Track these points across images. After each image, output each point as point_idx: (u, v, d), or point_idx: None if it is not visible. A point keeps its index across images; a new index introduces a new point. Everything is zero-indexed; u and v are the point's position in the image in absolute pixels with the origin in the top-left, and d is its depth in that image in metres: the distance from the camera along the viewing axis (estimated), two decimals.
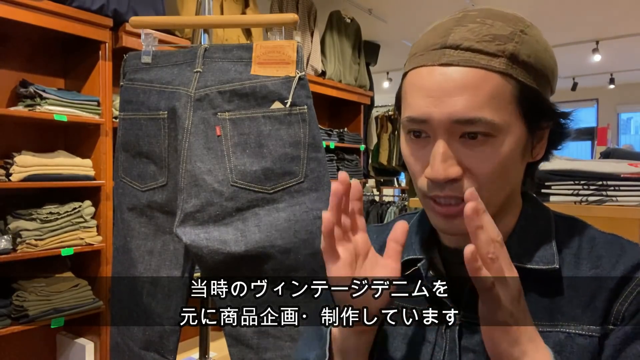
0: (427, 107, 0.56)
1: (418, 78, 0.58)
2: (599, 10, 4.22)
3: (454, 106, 0.54)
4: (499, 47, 0.55)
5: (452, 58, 0.55)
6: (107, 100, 2.24)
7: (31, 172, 1.99)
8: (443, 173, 0.55)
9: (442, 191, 0.57)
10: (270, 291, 1.19)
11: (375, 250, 0.74)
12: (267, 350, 1.18)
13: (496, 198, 0.59)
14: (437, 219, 0.60)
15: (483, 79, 0.55)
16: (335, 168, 3.72)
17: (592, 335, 0.55)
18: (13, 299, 1.98)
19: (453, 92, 0.55)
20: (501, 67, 0.55)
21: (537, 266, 0.59)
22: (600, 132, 3.17)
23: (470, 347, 0.61)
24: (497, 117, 0.55)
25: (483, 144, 0.55)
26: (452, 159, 0.56)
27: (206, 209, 1.17)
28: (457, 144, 0.56)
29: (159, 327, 1.25)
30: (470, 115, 0.54)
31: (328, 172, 1.21)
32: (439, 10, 4.21)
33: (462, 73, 0.55)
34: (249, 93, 1.18)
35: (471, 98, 0.54)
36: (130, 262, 1.29)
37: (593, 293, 0.57)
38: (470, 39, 0.56)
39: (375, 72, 5.12)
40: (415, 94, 0.58)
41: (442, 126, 0.55)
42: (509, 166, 0.58)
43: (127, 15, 2.24)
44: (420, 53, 0.59)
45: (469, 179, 0.56)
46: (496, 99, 0.55)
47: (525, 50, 0.56)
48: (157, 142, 1.26)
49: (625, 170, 1.34)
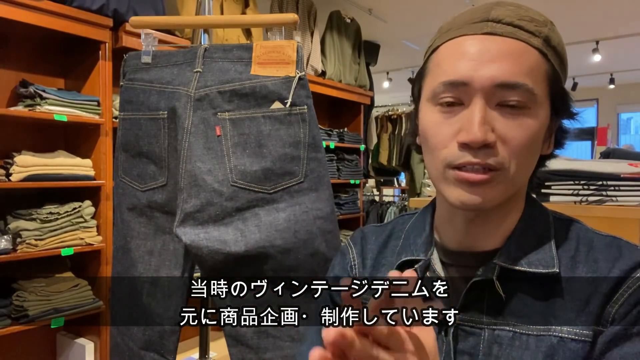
0: (468, 71, 0.56)
1: (458, 46, 0.58)
2: (599, 10, 4.22)
3: (498, 70, 0.55)
4: (537, 28, 0.58)
5: (496, 29, 0.57)
6: (107, 100, 2.24)
7: (31, 172, 1.99)
8: (482, 135, 0.54)
9: (475, 157, 0.56)
10: (270, 291, 1.19)
11: (375, 251, 0.74)
12: (267, 350, 1.18)
13: (521, 176, 0.59)
14: (460, 188, 0.57)
15: (525, 50, 0.57)
16: (335, 168, 3.72)
17: (585, 340, 0.55)
18: (13, 299, 1.98)
19: (497, 58, 0.56)
20: (539, 45, 0.57)
21: (535, 269, 0.59)
22: (600, 132, 3.17)
23: (466, 350, 0.60)
24: (536, 88, 0.56)
25: (519, 114, 0.56)
26: (489, 124, 0.56)
27: (206, 209, 1.17)
28: (493, 112, 0.56)
29: (159, 327, 1.25)
30: (514, 80, 0.55)
31: (328, 172, 1.21)
32: (439, 10, 4.21)
33: (506, 42, 0.56)
34: (249, 93, 1.18)
35: (515, 65, 0.56)
36: (130, 262, 1.29)
37: (588, 297, 0.57)
38: (511, 16, 0.58)
39: (375, 72, 5.12)
40: (455, 60, 0.58)
41: (483, 89, 0.55)
42: (537, 143, 0.59)
43: (127, 15, 2.24)
44: (457, 27, 0.60)
45: (501, 148, 0.56)
46: (534, 72, 0.57)
47: (555, 38, 0.59)
48: (157, 142, 1.26)
49: (625, 170, 1.34)
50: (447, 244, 0.67)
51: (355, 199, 3.99)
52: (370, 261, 0.73)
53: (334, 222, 1.19)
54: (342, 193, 3.91)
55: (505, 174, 0.57)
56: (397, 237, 0.74)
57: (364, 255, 0.75)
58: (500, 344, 0.58)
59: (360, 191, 4.10)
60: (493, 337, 0.59)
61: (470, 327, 0.60)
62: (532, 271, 0.59)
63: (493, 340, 0.59)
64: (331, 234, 1.18)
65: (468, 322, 0.61)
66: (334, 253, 1.18)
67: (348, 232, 3.95)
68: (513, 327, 0.58)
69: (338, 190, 3.92)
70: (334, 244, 1.18)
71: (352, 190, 4.00)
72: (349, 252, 0.77)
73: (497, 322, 0.59)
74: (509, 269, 0.60)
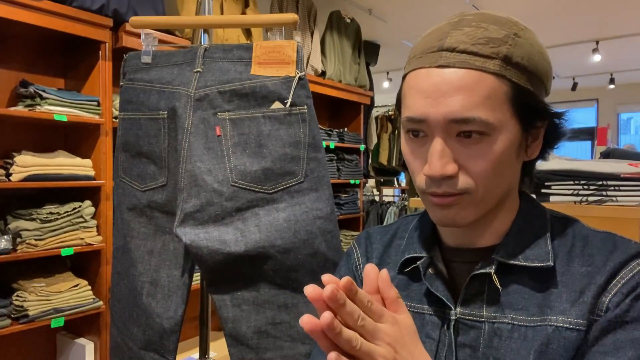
0: (424, 108, 0.58)
1: (416, 80, 0.60)
2: (599, 10, 4.22)
3: (450, 106, 0.57)
4: (493, 49, 0.58)
5: (449, 60, 0.58)
6: (107, 100, 2.24)
7: (31, 172, 1.99)
8: (440, 170, 0.58)
9: (439, 187, 0.60)
10: (270, 291, 1.20)
11: (380, 250, 0.76)
12: (267, 350, 1.18)
13: (491, 195, 0.61)
14: (434, 210, 0.63)
15: (478, 80, 0.57)
16: (335, 168, 3.72)
17: (579, 329, 0.57)
18: (13, 299, 1.98)
19: (449, 93, 0.57)
20: (495, 69, 0.57)
21: (532, 264, 0.61)
22: (600, 132, 3.17)
23: (467, 343, 0.63)
24: (492, 116, 0.57)
25: (478, 142, 0.58)
26: (448, 156, 0.59)
27: (206, 209, 1.17)
28: (453, 142, 0.59)
29: (159, 327, 1.25)
30: (466, 115, 0.56)
31: (328, 172, 1.21)
32: (438, 10, 4.21)
33: (458, 74, 0.57)
34: (249, 93, 1.18)
35: (466, 98, 0.57)
36: (130, 262, 1.29)
37: (583, 289, 0.59)
38: (465, 42, 0.58)
39: (375, 72, 5.13)
40: (414, 95, 0.60)
41: (439, 125, 0.58)
42: (503, 164, 0.60)
43: (127, 15, 2.24)
44: (418, 56, 0.62)
45: (464, 176, 0.59)
46: (491, 99, 0.57)
47: (518, 53, 0.59)
48: (157, 142, 1.26)
49: (625, 170, 1.34)
50: (448, 242, 0.69)
51: (355, 199, 3.99)
52: (376, 260, 0.76)
53: (334, 222, 1.19)
54: (342, 193, 3.91)
55: (473, 197, 0.60)
56: (400, 237, 0.76)
57: (368, 255, 0.78)
58: (500, 336, 0.61)
59: (360, 191, 4.10)
60: (493, 329, 0.61)
61: (471, 321, 0.63)
62: (528, 265, 0.61)
63: (493, 333, 0.61)
64: (331, 234, 1.18)
65: (469, 316, 0.63)
66: (334, 253, 1.19)
67: (348, 232, 3.95)
68: (512, 320, 0.61)
69: (338, 190, 3.92)
70: (334, 244, 1.18)
71: (352, 190, 4.00)
72: (354, 252, 0.80)
73: (497, 316, 0.62)
74: (507, 264, 0.62)
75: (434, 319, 0.66)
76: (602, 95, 7.56)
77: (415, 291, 0.69)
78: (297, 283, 1.17)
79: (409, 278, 0.70)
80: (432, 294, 0.65)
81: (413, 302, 0.68)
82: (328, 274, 0.49)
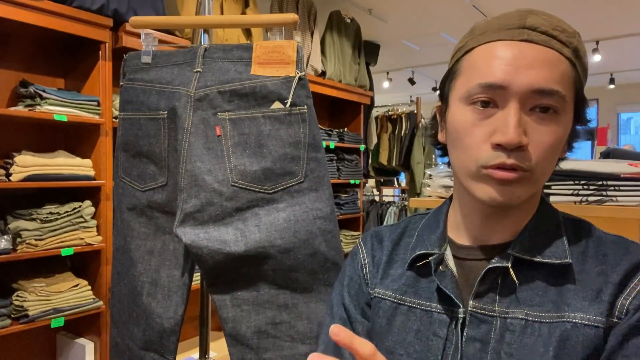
0: (506, 74, 0.59)
1: (495, 50, 0.61)
2: (599, 10, 4.22)
3: (535, 76, 0.58)
4: (567, 38, 0.61)
5: (532, 37, 0.60)
6: (107, 100, 2.24)
7: (31, 172, 1.99)
8: (517, 137, 0.57)
9: (508, 158, 0.58)
10: (270, 291, 1.19)
11: (389, 247, 0.76)
12: (267, 350, 1.18)
13: (543, 178, 0.62)
14: (490, 186, 0.60)
15: (558, 60, 0.59)
16: (335, 168, 3.72)
17: (598, 326, 0.57)
18: (13, 299, 1.98)
19: (534, 65, 0.58)
20: (569, 55, 0.60)
21: (549, 260, 0.62)
22: (600, 132, 3.16)
23: (478, 337, 0.62)
24: (568, 95, 0.60)
25: (550, 119, 0.59)
26: (522, 127, 0.59)
27: (206, 209, 1.17)
28: (525, 116, 0.59)
29: (159, 327, 1.25)
30: (550, 86, 0.58)
31: (328, 172, 1.21)
32: (438, 10, 4.21)
33: (541, 50, 0.59)
34: (249, 93, 1.18)
35: (550, 72, 0.58)
36: (130, 262, 1.29)
37: (599, 287, 0.59)
38: (545, 25, 0.60)
39: (375, 72, 5.12)
40: (493, 63, 0.60)
41: (520, 94, 0.58)
42: (560, 148, 0.62)
43: (127, 15, 2.24)
44: (493, 31, 0.62)
45: (532, 151, 0.59)
46: (565, 80, 0.60)
47: (582, 50, 0.62)
48: (157, 142, 1.26)
49: (625, 170, 1.34)
50: (461, 240, 0.69)
51: (355, 199, 3.99)
52: (385, 257, 0.76)
53: (334, 222, 1.19)
54: (342, 193, 3.91)
55: (532, 175, 0.60)
56: (410, 235, 0.76)
57: (374, 253, 0.78)
58: (512, 332, 0.60)
59: (360, 191, 4.10)
60: (505, 324, 0.61)
61: (482, 315, 0.63)
62: (545, 262, 0.62)
63: (505, 328, 0.61)
64: (331, 234, 1.18)
65: (480, 309, 0.63)
66: (333, 253, 1.19)
67: (348, 232, 3.95)
68: (525, 315, 0.60)
69: (338, 190, 3.92)
70: (334, 244, 1.18)
71: (352, 190, 4.00)
72: (359, 251, 0.80)
73: (509, 311, 0.61)
74: (523, 259, 0.62)
75: (443, 316, 0.65)
76: (602, 95, 7.56)
77: (423, 288, 0.69)
78: (297, 283, 1.17)
79: (418, 275, 0.70)
80: (441, 292, 0.65)
81: (421, 300, 0.68)
82: (338, 326, 0.46)
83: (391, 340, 0.68)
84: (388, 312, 0.70)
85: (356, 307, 0.75)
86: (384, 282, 0.73)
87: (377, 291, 0.73)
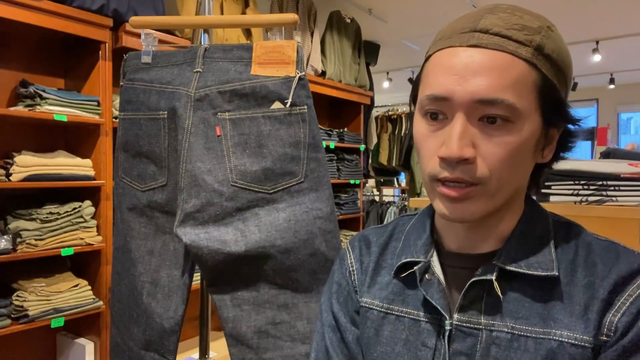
0: (450, 85, 0.56)
1: (444, 58, 0.58)
2: (599, 10, 4.22)
3: (478, 85, 0.55)
4: (527, 37, 0.56)
5: (481, 40, 0.56)
6: (107, 100, 2.24)
7: (31, 172, 1.99)
8: (458, 151, 0.55)
9: (452, 172, 0.56)
10: (270, 291, 1.19)
11: (376, 253, 0.74)
12: (267, 350, 1.18)
13: (503, 189, 0.58)
14: (443, 202, 0.59)
15: (509, 63, 0.55)
16: (335, 168, 3.72)
17: (585, 346, 0.55)
18: (13, 299, 1.98)
19: (478, 72, 0.55)
20: (527, 56, 0.56)
21: (535, 272, 0.59)
22: (600, 132, 3.16)
23: (464, 351, 0.60)
24: (519, 102, 0.55)
25: (500, 129, 0.56)
26: (468, 139, 0.56)
27: (206, 209, 1.17)
28: (474, 127, 0.56)
29: (159, 327, 1.25)
30: (493, 96, 0.54)
31: (328, 172, 1.21)
32: (438, 10, 4.21)
33: (489, 55, 0.55)
34: (249, 93, 1.18)
35: (496, 80, 0.55)
36: (130, 262, 1.29)
37: (586, 303, 0.57)
38: (500, 26, 0.57)
39: (375, 72, 5.12)
40: (439, 73, 0.58)
41: (464, 105, 0.55)
42: (521, 157, 0.58)
43: (127, 15, 2.24)
44: (447, 36, 0.59)
45: (480, 164, 0.56)
46: (519, 85, 0.55)
47: (550, 45, 0.57)
48: (157, 142, 1.26)
49: (625, 170, 1.34)
50: (448, 245, 0.67)
51: (355, 199, 3.99)
52: (372, 264, 0.73)
53: (334, 222, 1.19)
54: (342, 193, 3.91)
55: (486, 189, 0.57)
56: (397, 238, 0.74)
57: (362, 259, 0.75)
58: (498, 345, 0.58)
59: (360, 191, 4.10)
60: (491, 338, 0.59)
61: (467, 328, 0.61)
62: (531, 273, 0.59)
63: (491, 342, 0.59)
64: (331, 234, 1.18)
65: (466, 322, 0.61)
66: (333, 253, 1.19)
67: (348, 232, 3.95)
68: (511, 329, 0.58)
69: (338, 190, 3.92)
70: (334, 244, 1.18)
71: (352, 190, 4.00)
72: (347, 257, 0.78)
73: (495, 324, 0.59)
74: (508, 271, 0.60)
75: (430, 326, 0.63)
76: (602, 95, 7.56)
77: (411, 297, 0.67)
78: (297, 283, 1.17)
79: (405, 283, 0.68)
80: (428, 301, 0.63)
81: (408, 308, 0.66)
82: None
83: (379, 351, 0.67)
84: (376, 323, 0.69)
85: (345, 315, 0.73)
86: (372, 291, 0.71)
87: (365, 300, 0.71)
